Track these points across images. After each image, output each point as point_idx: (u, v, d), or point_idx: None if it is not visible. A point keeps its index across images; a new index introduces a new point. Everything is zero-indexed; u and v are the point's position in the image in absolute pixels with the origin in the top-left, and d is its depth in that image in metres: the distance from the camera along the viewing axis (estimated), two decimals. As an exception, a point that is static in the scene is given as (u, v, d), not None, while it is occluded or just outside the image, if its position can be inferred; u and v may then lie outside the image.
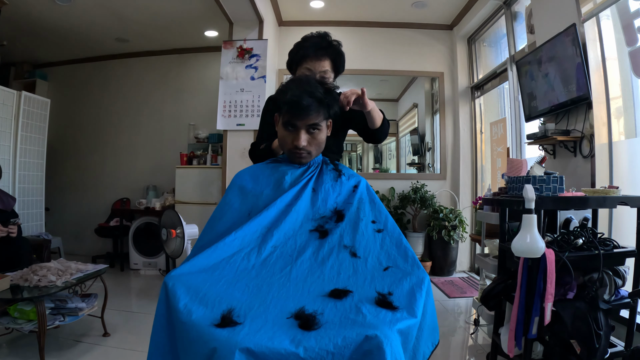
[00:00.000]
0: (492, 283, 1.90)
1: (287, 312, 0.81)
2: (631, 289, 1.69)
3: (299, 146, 1.12)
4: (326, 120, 1.17)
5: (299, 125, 1.11)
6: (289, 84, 1.14)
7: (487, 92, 3.88)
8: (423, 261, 3.89)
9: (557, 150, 2.59)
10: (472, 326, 2.50)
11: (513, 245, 1.48)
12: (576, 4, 2.31)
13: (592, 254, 1.56)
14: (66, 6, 3.62)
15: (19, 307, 2.01)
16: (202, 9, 3.76)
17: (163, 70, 4.83)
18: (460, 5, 3.88)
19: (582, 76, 2.20)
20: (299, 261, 0.98)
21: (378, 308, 0.83)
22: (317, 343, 0.73)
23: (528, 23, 2.96)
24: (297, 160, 1.17)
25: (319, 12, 4.08)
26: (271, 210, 1.07)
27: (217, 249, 0.98)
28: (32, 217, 3.87)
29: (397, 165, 5.14)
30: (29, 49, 4.71)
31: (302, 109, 1.08)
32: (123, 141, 4.89)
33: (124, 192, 4.73)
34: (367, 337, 0.73)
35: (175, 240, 2.41)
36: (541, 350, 1.67)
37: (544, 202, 1.60)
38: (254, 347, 0.71)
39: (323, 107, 1.12)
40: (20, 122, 3.68)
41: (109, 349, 2.18)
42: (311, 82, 1.13)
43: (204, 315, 0.80)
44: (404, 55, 4.33)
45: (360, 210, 1.12)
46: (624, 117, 2.30)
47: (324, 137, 1.18)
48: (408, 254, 1.03)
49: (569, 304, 1.54)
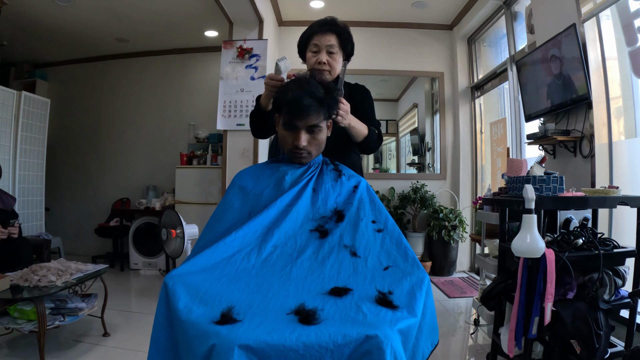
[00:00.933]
0: (492, 283, 1.90)
1: (287, 309, 0.81)
2: (631, 289, 1.69)
3: (299, 146, 1.12)
4: (326, 121, 1.17)
5: (299, 125, 1.11)
6: (289, 84, 1.15)
7: (487, 92, 3.89)
8: (423, 261, 3.89)
9: (557, 150, 2.59)
10: (472, 326, 2.50)
11: (513, 245, 1.48)
12: (576, 4, 2.31)
13: (592, 254, 1.56)
14: (66, 6, 3.62)
15: (19, 307, 2.01)
16: (202, 9, 3.76)
17: (163, 70, 4.83)
18: (460, 5, 3.88)
19: (582, 76, 2.20)
20: (299, 261, 0.99)
21: (378, 307, 0.84)
22: (317, 339, 0.73)
23: (528, 23, 2.96)
24: (298, 161, 1.18)
25: (319, 12, 4.08)
26: (271, 210, 1.07)
27: (218, 248, 0.98)
28: (32, 217, 3.87)
29: (397, 165, 5.14)
30: (29, 49, 4.71)
31: (302, 110, 1.08)
32: (123, 141, 4.89)
33: (124, 192, 4.72)
34: (367, 336, 0.73)
35: (175, 240, 2.41)
36: (541, 350, 1.66)
37: (544, 202, 1.60)
38: (253, 344, 0.71)
39: (323, 107, 1.12)
40: (20, 122, 3.68)
41: (109, 349, 2.18)
42: (311, 82, 1.13)
43: (203, 313, 0.80)
44: (404, 55, 4.33)
45: (361, 210, 1.13)
46: (624, 117, 2.30)
47: (324, 137, 1.18)
48: (408, 254, 1.03)
49: (569, 304, 1.54)
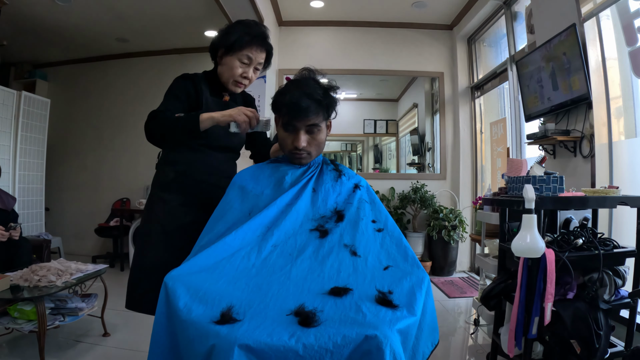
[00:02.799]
0: (492, 283, 1.90)
1: (287, 310, 0.81)
2: (631, 289, 1.69)
3: (299, 147, 1.13)
4: (325, 121, 1.18)
5: (299, 126, 1.12)
6: (288, 85, 1.17)
7: (487, 92, 3.89)
8: (423, 261, 3.89)
9: (557, 150, 2.59)
10: (472, 326, 2.50)
11: (513, 245, 1.48)
12: (576, 4, 2.31)
13: (592, 254, 1.56)
14: (66, 6, 3.62)
15: (19, 307, 2.01)
16: (202, 9, 3.76)
17: (163, 70, 4.82)
18: (460, 5, 3.88)
19: (582, 76, 2.20)
20: (299, 260, 0.99)
21: (378, 306, 0.83)
22: (317, 341, 0.73)
23: (528, 23, 2.96)
24: (297, 161, 1.18)
25: (319, 12, 4.09)
26: (271, 210, 1.07)
27: (217, 248, 0.98)
28: (32, 217, 3.87)
29: (397, 165, 5.14)
30: (29, 49, 4.71)
31: (301, 110, 1.09)
32: (123, 141, 4.88)
33: (124, 192, 4.72)
34: (366, 337, 0.73)
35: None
36: (541, 350, 1.66)
37: (544, 202, 1.60)
38: (253, 344, 0.71)
39: (322, 108, 1.13)
40: (20, 122, 3.68)
41: (109, 349, 2.18)
42: (310, 83, 1.14)
43: (203, 313, 0.80)
44: (404, 55, 4.33)
45: (360, 210, 1.13)
46: (624, 117, 2.30)
47: (324, 137, 1.19)
48: (408, 254, 1.03)
49: (569, 304, 1.54)
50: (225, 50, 1.31)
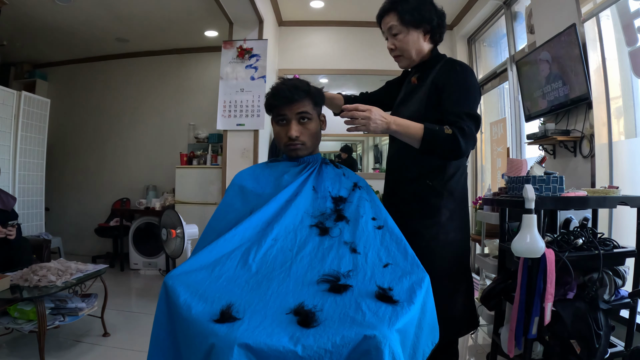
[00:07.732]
0: (492, 283, 1.90)
1: (287, 308, 0.81)
2: (631, 289, 1.69)
3: (292, 137, 1.16)
4: (318, 114, 1.22)
5: (288, 114, 1.16)
6: (275, 84, 1.24)
7: (487, 92, 3.88)
8: (423, 261, 3.88)
9: (557, 150, 2.59)
10: (472, 326, 2.50)
11: (513, 245, 1.47)
12: (576, 4, 2.31)
13: (592, 254, 1.56)
14: (66, 6, 3.62)
15: (19, 307, 2.01)
16: (202, 9, 3.76)
17: (163, 70, 4.83)
18: (460, 5, 3.88)
19: (582, 76, 2.20)
20: (299, 257, 0.99)
21: (378, 303, 0.83)
22: (316, 341, 0.73)
23: (528, 23, 2.96)
24: (294, 153, 1.20)
25: (319, 12, 4.08)
26: (271, 206, 1.08)
27: (217, 245, 0.98)
28: (32, 217, 3.87)
29: (397, 166, 5.14)
30: (29, 49, 4.71)
31: (285, 96, 1.14)
32: (123, 141, 4.89)
33: (124, 192, 4.72)
34: (365, 336, 0.73)
35: (175, 240, 2.41)
36: (541, 350, 1.66)
37: (544, 202, 1.60)
38: (253, 343, 0.71)
39: (308, 95, 1.18)
40: (20, 122, 3.68)
41: (109, 349, 2.18)
42: (294, 79, 1.22)
43: (203, 310, 0.80)
44: (404, 55, 4.32)
45: (360, 207, 1.13)
46: (624, 117, 2.30)
47: (317, 128, 1.21)
48: (408, 253, 1.02)
49: (569, 304, 1.54)
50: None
